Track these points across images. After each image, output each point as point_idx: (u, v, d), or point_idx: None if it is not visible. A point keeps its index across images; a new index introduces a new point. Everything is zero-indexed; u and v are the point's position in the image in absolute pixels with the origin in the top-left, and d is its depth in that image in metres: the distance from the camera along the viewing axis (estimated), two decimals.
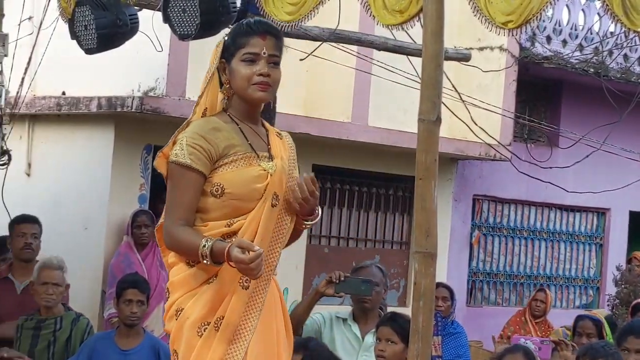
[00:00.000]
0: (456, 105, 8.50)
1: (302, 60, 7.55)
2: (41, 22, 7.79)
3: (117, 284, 6.75)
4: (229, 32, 3.73)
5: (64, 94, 9.95)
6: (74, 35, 6.34)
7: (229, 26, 6.57)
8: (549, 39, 13.05)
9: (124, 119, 9.57)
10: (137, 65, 8.91)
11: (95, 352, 6.23)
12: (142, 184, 9.66)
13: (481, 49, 11.81)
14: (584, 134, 10.06)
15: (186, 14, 6.16)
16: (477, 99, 9.48)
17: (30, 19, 9.09)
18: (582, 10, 13.44)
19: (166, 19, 6.30)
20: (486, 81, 11.69)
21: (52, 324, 6.45)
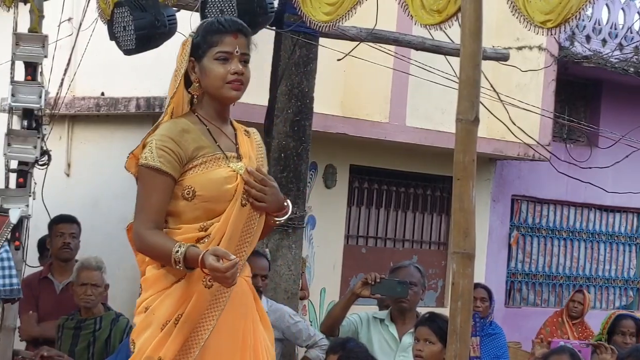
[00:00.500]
0: (494, 105, 8.46)
1: (339, 60, 7.55)
2: (80, 24, 7.84)
3: None
4: (196, 30, 3.68)
5: (102, 94, 10.02)
6: (113, 36, 6.37)
7: (266, 27, 6.59)
8: (588, 38, 12.96)
9: None
10: None
11: None
12: None
13: (520, 48, 11.76)
14: (624, 133, 9.99)
15: (224, 15, 6.17)
16: (516, 99, 9.42)
17: (69, 20, 9.15)
18: (622, 9, 13.34)
19: (204, 20, 6.32)
20: (525, 81, 11.63)
21: (91, 324, 6.48)
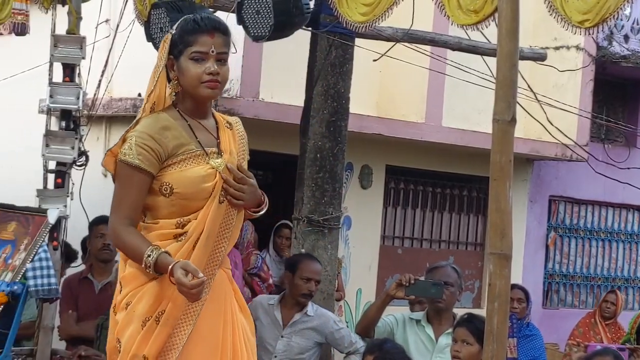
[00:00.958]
0: (531, 105, 8.41)
1: (375, 61, 7.53)
2: (118, 25, 7.88)
3: None
4: (175, 27, 3.69)
5: (139, 95, 10.07)
6: (150, 37, 6.40)
7: (302, 27, 6.60)
8: (626, 37, 12.85)
9: None
10: None
11: None
12: None
13: (557, 48, 11.69)
14: None
15: (260, 16, 6.19)
16: (553, 99, 9.36)
17: (107, 21, 9.21)
18: None
19: (240, 21, 6.34)
20: (562, 81, 11.56)
21: None
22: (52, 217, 6.61)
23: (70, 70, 6.94)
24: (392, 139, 10.66)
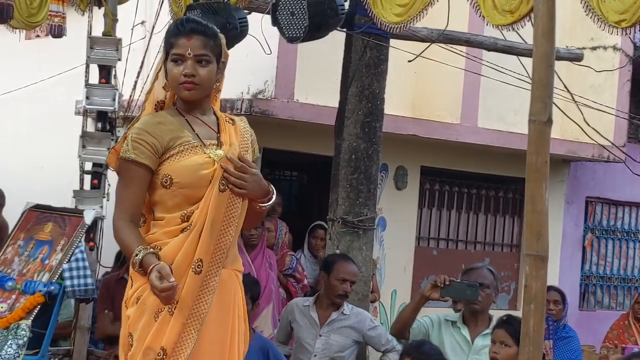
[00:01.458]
0: (568, 105, 8.36)
1: (410, 61, 7.52)
2: (153, 27, 7.93)
3: None
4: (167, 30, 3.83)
5: None
6: None
7: (337, 28, 6.60)
8: None
9: None
10: (247, 68, 9.00)
11: None
12: None
13: (594, 48, 11.61)
14: None
15: (295, 17, 6.20)
16: (590, 100, 9.31)
17: (142, 23, 9.27)
18: None
19: (275, 22, 6.35)
20: (599, 81, 11.48)
21: None
22: (88, 218, 6.66)
23: (106, 71, 6.99)
24: (427, 140, 10.63)
